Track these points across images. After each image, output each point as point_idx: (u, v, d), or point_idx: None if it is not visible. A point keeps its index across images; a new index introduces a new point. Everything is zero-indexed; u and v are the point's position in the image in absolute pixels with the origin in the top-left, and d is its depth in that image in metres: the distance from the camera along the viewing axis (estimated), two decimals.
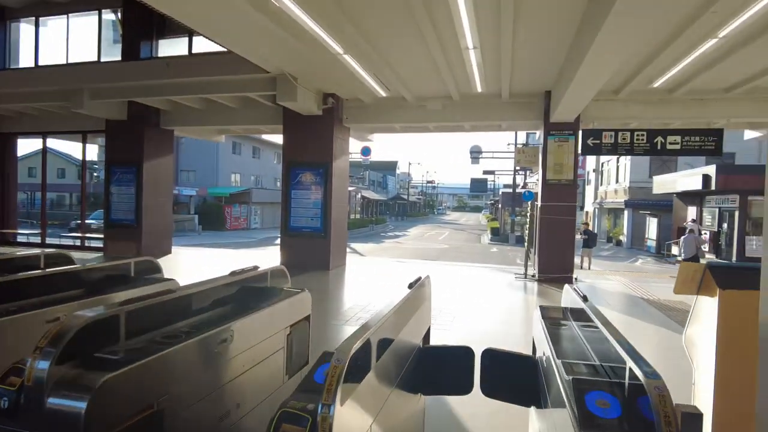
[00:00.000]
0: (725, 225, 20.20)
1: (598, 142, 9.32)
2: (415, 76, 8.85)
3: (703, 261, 18.85)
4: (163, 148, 12.35)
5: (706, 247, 21.21)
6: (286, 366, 2.83)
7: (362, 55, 7.57)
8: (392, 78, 8.77)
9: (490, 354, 2.44)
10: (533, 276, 9.69)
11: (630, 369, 1.42)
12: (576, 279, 9.46)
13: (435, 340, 5.26)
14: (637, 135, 9.15)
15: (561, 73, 8.13)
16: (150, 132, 11.84)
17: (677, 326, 6.04)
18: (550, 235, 9.39)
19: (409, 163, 70.96)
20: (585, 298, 2.16)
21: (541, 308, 2.58)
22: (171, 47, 10.96)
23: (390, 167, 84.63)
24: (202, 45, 10.05)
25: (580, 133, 9.40)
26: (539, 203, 9.64)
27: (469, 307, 6.94)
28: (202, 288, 2.45)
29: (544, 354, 2.10)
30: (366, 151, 37.59)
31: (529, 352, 2.61)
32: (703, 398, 2.11)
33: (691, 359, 2.35)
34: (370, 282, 9.04)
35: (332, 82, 9.34)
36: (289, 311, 2.89)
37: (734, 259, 18.89)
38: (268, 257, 11.76)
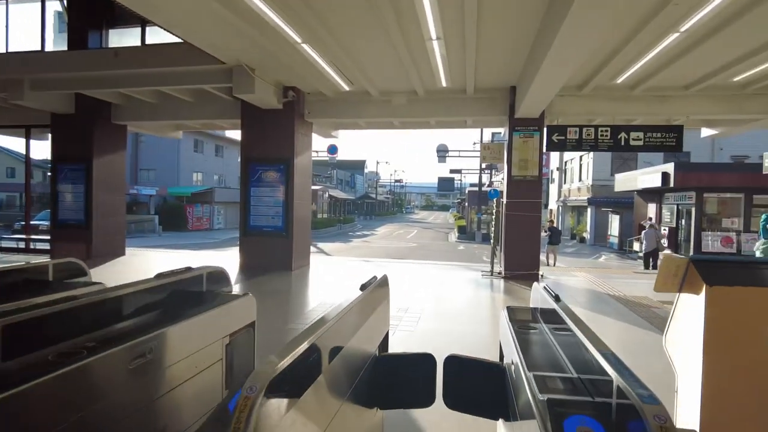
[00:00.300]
0: (683, 221, 20.79)
1: (563, 138, 9.28)
2: (379, 70, 8.58)
3: (662, 254, 19.33)
4: (115, 143, 11.67)
5: (665, 242, 21.84)
6: (226, 380, 2.50)
7: (322, 45, 7.24)
8: (355, 71, 8.48)
9: (453, 361, 2.17)
10: (500, 273, 9.57)
11: (618, 387, 1.17)
12: (542, 276, 9.40)
13: (398, 343, 5.02)
14: (601, 131, 9.15)
15: (526, 68, 8.01)
16: (100, 127, 11.15)
17: (644, 323, 5.98)
18: (515, 232, 9.30)
19: (377, 162, 70.78)
20: (557, 298, 1.93)
21: (508, 309, 2.33)
22: (123, 37, 10.36)
23: (358, 166, 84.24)
24: (157, 36, 9.51)
25: (545, 129, 9.34)
26: (505, 200, 9.53)
27: (435, 307, 6.72)
28: (118, 293, 2.10)
29: (512, 362, 1.85)
30: (333, 149, 37.18)
31: (497, 356, 2.36)
32: (687, 408, 1.90)
33: (673, 365, 2.14)
34: (335, 282, 8.71)
35: (293, 75, 8.96)
36: (229, 318, 2.56)
37: (692, 254, 19.45)
38: (228, 258, 11.27)
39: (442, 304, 6.99)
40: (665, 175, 19.91)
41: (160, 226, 29.91)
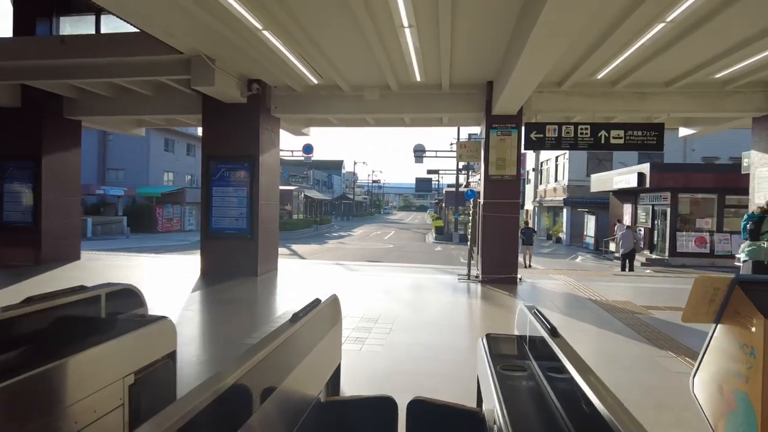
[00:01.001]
0: (658, 222, 20.84)
1: (542, 136, 8.92)
2: (349, 62, 8.06)
3: (639, 255, 19.29)
4: (68, 140, 10.86)
5: (642, 244, 21.89)
6: (130, 428, 1.96)
7: (285, 33, 6.68)
8: (324, 63, 7.94)
9: (418, 407, 1.67)
10: (477, 277, 9.16)
11: None
12: (520, 279, 9.02)
13: (363, 363, 4.52)
14: (581, 129, 8.82)
15: (503, 62, 7.61)
16: (51, 122, 10.33)
17: (629, 331, 5.61)
18: (493, 234, 8.89)
19: (355, 162, 70.15)
20: (553, 332, 1.45)
21: (488, 338, 1.84)
22: (77, 26, 9.62)
23: (335, 166, 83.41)
24: (113, 24, 8.81)
25: (523, 127, 8.97)
26: (482, 201, 9.12)
27: (409, 316, 6.23)
28: None
29: (495, 418, 1.36)
30: (308, 149, 36.47)
31: (474, 383, 1.87)
32: None
33: (706, 413, 1.67)
34: (303, 289, 8.16)
35: (257, 66, 8.37)
36: (134, 351, 2.01)
37: (667, 254, 19.50)
38: (191, 262, 10.58)
39: (417, 312, 6.51)
40: (641, 176, 19.91)
41: (129, 227, 28.82)
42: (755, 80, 8.27)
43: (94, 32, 8.98)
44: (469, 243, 9.48)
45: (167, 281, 8.56)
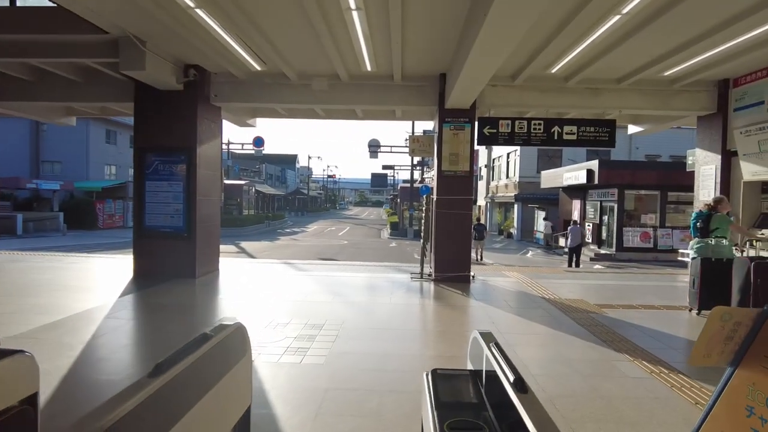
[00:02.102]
0: (606, 217, 21.41)
1: (495, 131, 8.71)
2: (295, 48, 7.51)
3: (588, 251, 19.72)
4: None
5: (588, 237, 22.45)
6: None
7: (222, 12, 6.07)
8: (267, 48, 7.37)
9: None
10: (429, 275, 8.87)
11: None
12: (473, 277, 8.80)
13: (305, 377, 4.06)
14: (534, 124, 8.68)
15: (456, 52, 7.30)
16: None
17: (584, 331, 5.42)
18: (446, 231, 8.62)
19: (309, 157, 68.96)
20: (519, 385, 1.07)
21: (434, 376, 1.44)
22: None
23: (289, 161, 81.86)
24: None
25: (476, 122, 8.72)
26: (435, 197, 8.83)
27: (357, 320, 5.82)
28: None
29: None
30: (258, 142, 35.42)
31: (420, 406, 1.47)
32: None
33: None
34: (244, 293, 7.58)
35: (193, 50, 7.68)
36: None
37: (614, 249, 20.05)
38: (126, 263, 9.72)
39: (366, 315, 6.10)
40: (590, 172, 20.35)
41: (65, 224, 26.87)
42: (700, 79, 8.37)
43: (8, 4, 7.99)
44: (422, 240, 9.17)
45: (94, 285, 7.75)
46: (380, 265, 10.91)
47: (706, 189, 8.77)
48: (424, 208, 9.07)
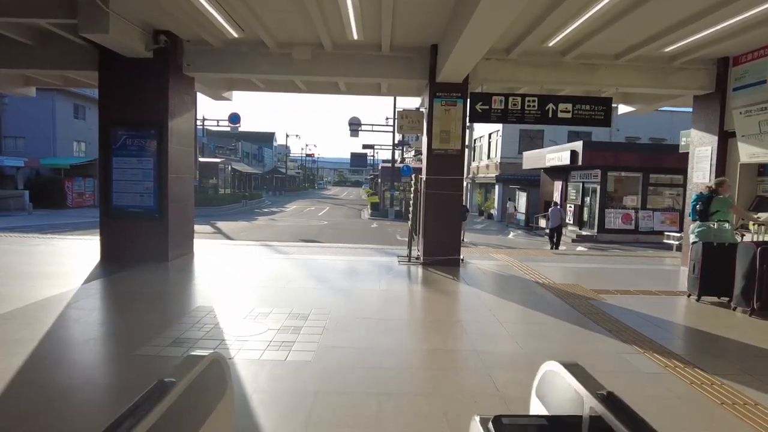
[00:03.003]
0: (588, 199, 21.37)
1: (487, 107, 8.28)
2: (275, 12, 6.88)
3: (570, 232, 19.67)
4: None
5: (570, 219, 22.44)
6: None
7: None
8: (244, 12, 6.72)
9: None
10: (417, 259, 8.50)
11: None
12: (462, 260, 8.46)
13: (291, 377, 3.61)
14: (528, 101, 8.27)
15: (450, 22, 6.79)
16: None
17: (588, 321, 5.11)
18: (436, 213, 8.22)
19: (287, 135, 67.56)
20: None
21: (498, 427, 1.01)
22: None
23: (267, 139, 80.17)
24: None
25: (468, 98, 8.27)
26: (424, 177, 8.39)
27: (345, 309, 5.40)
28: None
29: None
30: (235, 119, 34.26)
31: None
32: None
33: None
34: (221, 279, 7.07)
35: (163, 14, 6.99)
36: None
37: (596, 230, 20.05)
38: (90, 247, 9.06)
39: (354, 303, 5.68)
40: (573, 154, 20.20)
41: (31, 203, 25.54)
42: (700, 57, 8.06)
43: None
44: (410, 222, 8.76)
45: (56, 270, 7.12)
46: (364, 248, 10.49)
47: (701, 171, 8.56)
48: (412, 189, 8.63)
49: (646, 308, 5.80)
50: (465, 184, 38.73)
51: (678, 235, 13.11)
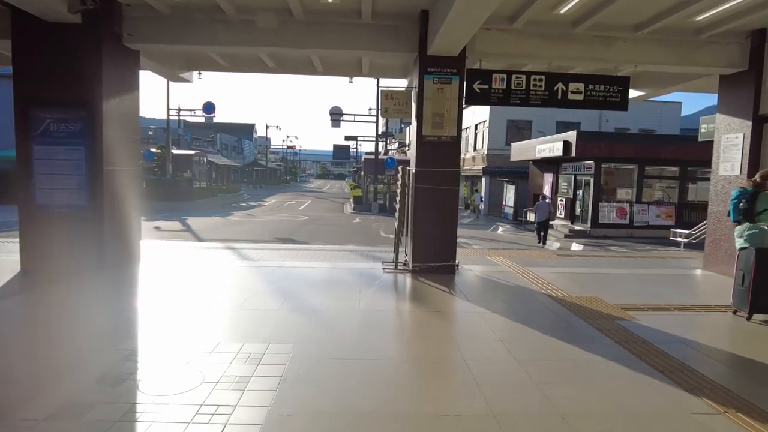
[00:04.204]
0: (580, 192, 20.37)
1: (487, 87, 7.05)
2: None
3: (562, 227, 18.66)
4: None
5: (561, 213, 21.48)
6: None
7: None
8: None
9: None
10: (406, 265, 7.27)
11: None
12: (458, 266, 7.25)
13: None
14: (534, 80, 7.06)
15: None
16: None
17: (628, 355, 3.92)
18: (427, 211, 6.98)
19: (267, 126, 65.61)
20: None
21: None
22: None
23: (246, 130, 78.07)
24: None
25: (465, 76, 7.02)
26: (413, 168, 7.14)
27: (316, 343, 4.14)
28: None
29: None
30: (209, 108, 32.50)
31: None
32: None
33: None
34: (163, 296, 5.73)
35: None
36: None
37: (589, 225, 19.08)
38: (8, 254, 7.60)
39: (325, 333, 4.41)
40: (567, 144, 19.13)
41: None
42: (733, 29, 6.93)
43: None
44: (396, 222, 7.50)
45: None
46: (345, 250, 9.20)
47: (729, 162, 7.46)
48: (399, 183, 7.37)
49: (690, 331, 4.66)
50: None
51: (687, 232, 12.13)
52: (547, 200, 17.18)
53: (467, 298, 5.68)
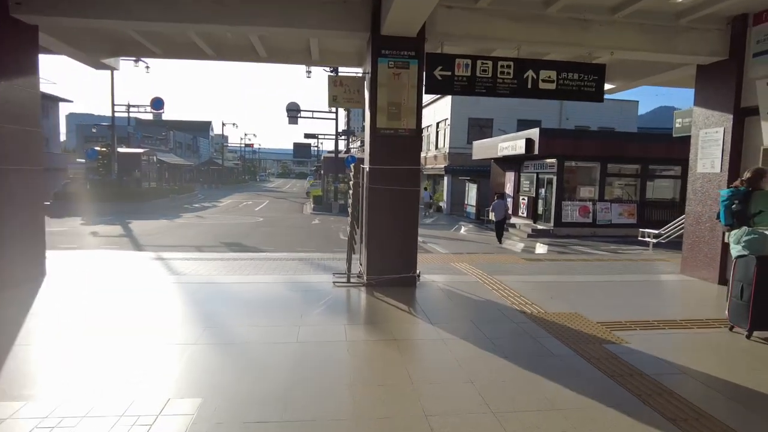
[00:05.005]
0: (543, 191, 20.00)
1: (449, 74, 6.21)
2: None
3: (525, 227, 18.21)
4: None
5: (524, 212, 21.12)
6: None
7: None
8: None
9: None
10: (359, 277, 6.36)
11: None
12: (419, 275, 6.39)
13: None
14: (502, 66, 6.28)
15: None
16: None
17: (625, 395, 3.13)
18: (384, 215, 6.08)
19: (223, 124, 63.31)
20: None
21: None
22: None
23: (202, 128, 75.28)
24: None
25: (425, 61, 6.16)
26: (367, 166, 6.22)
27: (232, 394, 3.17)
28: None
29: None
30: (158, 104, 30.62)
31: None
32: None
33: None
34: (53, 325, 4.60)
35: None
36: None
37: (552, 224, 18.71)
38: None
39: (249, 378, 3.42)
40: (529, 142, 18.66)
41: None
42: (715, 13, 6.34)
43: None
44: (349, 228, 6.56)
45: None
46: (294, 258, 8.20)
47: (708, 158, 6.92)
48: (352, 182, 6.44)
49: (689, 357, 3.96)
50: None
51: (656, 232, 11.75)
52: (508, 198, 16.65)
53: (430, 320, 4.81)
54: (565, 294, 6.07)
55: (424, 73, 6.11)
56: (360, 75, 6.90)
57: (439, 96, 31.60)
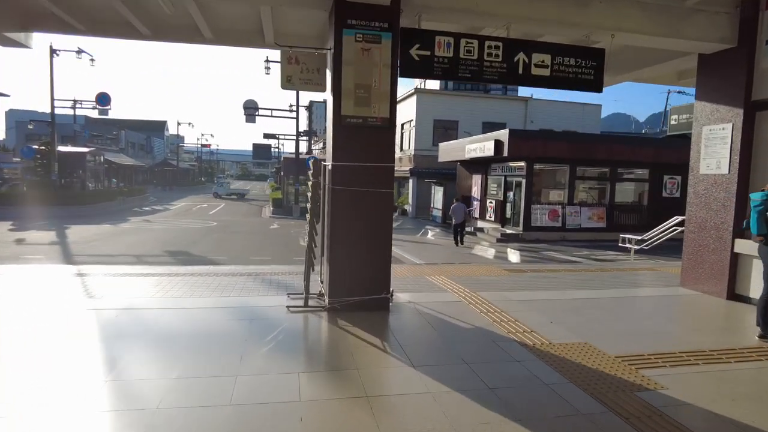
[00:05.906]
0: (511, 194, 19.36)
1: (429, 54, 5.19)
2: None
3: (494, 231, 17.50)
4: None
5: (491, 216, 20.47)
6: None
7: None
8: None
9: None
10: (320, 297, 5.24)
11: None
12: (392, 295, 5.33)
13: None
14: (490, 47, 5.31)
15: None
16: None
17: None
18: (351, 223, 4.99)
19: (179, 123, 60.52)
20: None
21: None
22: None
23: (157, 128, 71.90)
24: None
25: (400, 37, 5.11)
26: (329, 163, 5.11)
27: None
28: None
29: None
30: (104, 100, 28.44)
31: None
32: None
33: None
34: None
35: None
36: None
37: (521, 228, 18.06)
38: None
39: None
40: (498, 144, 17.93)
41: None
42: None
43: None
44: (307, 239, 5.41)
45: None
46: (244, 273, 6.96)
47: (713, 158, 6.18)
48: (311, 183, 5.31)
49: (750, 407, 3.06)
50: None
51: (638, 238, 11.13)
52: (474, 201, 15.86)
53: (411, 361, 3.73)
54: (564, 316, 5.14)
55: (399, 51, 5.06)
56: (319, 51, 5.76)
57: (405, 95, 30.80)
